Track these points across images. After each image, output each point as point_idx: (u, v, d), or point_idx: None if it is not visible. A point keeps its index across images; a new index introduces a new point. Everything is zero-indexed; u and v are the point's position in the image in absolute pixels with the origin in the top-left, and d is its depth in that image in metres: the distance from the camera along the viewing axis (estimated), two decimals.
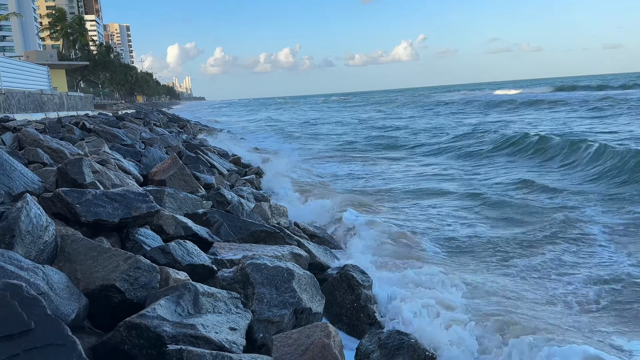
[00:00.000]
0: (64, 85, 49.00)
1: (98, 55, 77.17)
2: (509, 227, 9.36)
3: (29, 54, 51.05)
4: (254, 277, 4.55)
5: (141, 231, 5.50)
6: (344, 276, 5.49)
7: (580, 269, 6.97)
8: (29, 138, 7.95)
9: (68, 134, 11.60)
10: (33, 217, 4.27)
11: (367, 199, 11.81)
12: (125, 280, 3.94)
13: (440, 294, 5.62)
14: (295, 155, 20.53)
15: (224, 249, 5.83)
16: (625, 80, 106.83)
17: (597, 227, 8.86)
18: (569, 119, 34.67)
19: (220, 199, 9.00)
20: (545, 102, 52.97)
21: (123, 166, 8.57)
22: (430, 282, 5.99)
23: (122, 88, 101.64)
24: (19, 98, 26.33)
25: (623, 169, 14.04)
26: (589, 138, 19.48)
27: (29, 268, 3.62)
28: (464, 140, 25.07)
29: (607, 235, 8.40)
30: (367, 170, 17.36)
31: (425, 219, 10.16)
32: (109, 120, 20.26)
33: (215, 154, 17.02)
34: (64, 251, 4.33)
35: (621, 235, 8.42)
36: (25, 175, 5.83)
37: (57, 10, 73.37)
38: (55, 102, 32.66)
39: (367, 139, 29.35)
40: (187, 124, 33.39)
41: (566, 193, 11.95)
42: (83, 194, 5.22)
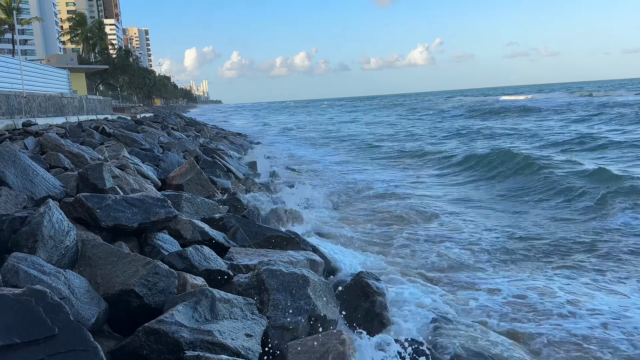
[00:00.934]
0: (83, 88, 49.75)
1: (117, 59, 78.16)
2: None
3: (50, 57, 51.96)
4: (269, 283, 4.59)
5: (159, 236, 5.59)
6: (358, 283, 5.51)
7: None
8: (50, 143, 8.12)
9: (88, 139, 11.80)
10: (55, 222, 4.38)
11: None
12: (144, 285, 4.01)
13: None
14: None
15: (240, 254, 5.89)
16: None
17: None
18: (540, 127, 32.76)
19: (237, 204, 9.07)
20: (543, 109, 50.29)
21: (142, 171, 8.70)
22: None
23: (140, 91, 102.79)
24: (40, 101, 26.82)
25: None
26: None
27: (51, 272, 3.72)
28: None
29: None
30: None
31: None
32: (128, 125, 20.54)
33: (231, 157, 17.18)
34: (85, 256, 4.42)
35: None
36: (47, 180, 5.96)
37: (77, 15, 74.56)
38: (75, 105, 33.18)
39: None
40: (204, 128, 33.68)
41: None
42: (103, 199, 5.33)
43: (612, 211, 10.22)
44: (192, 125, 36.83)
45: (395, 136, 33.66)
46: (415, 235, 9.28)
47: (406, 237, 9.13)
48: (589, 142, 22.72)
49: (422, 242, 8.89)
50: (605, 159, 18.02)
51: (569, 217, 10.42)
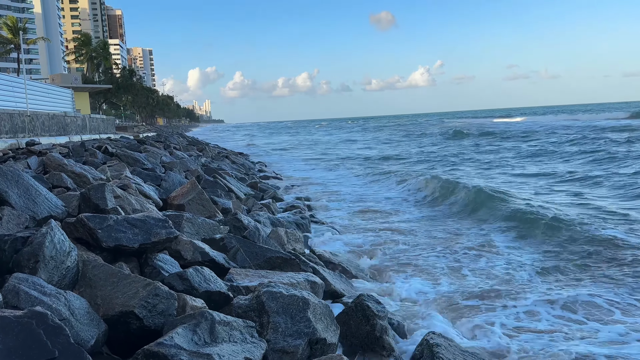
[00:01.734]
0: (87, 107, 50.18)
1: (121, 78, 79.03)
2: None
3: (55, 77, 52.51)
4: (269, 306, 4.58)
5: (160, 257, 5.60)
6: (359, 305, 5.48)
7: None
8: (53, 162, 8.18)
9: (91, 158, 11.87)
10: (57, 242, 4.39)
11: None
12: (144, 307, 4.01)
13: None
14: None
15: (240, 275, 5.89)
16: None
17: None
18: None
19: (237, 224, 9.08)
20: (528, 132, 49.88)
21: (143, 191, 8.73)
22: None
23: (143, 111, 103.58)
24: (44, 120, 27.02)
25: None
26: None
27: (51, 294, 3.72)
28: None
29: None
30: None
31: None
32: (130, 144, 20.65)
33: (233, 177, 17.22)
34: (85, 276, 4.43)
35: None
36: (50, 199, 6.00)
37: (82, 35, 75.64)
38: (78, 124, 33.40)
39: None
40: (206, 147, 33.83)
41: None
42: (105, 219, 5.35)
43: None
44: (194, 145, 37.01)
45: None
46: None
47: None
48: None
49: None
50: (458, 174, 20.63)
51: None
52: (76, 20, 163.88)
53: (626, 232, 9.93)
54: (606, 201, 13.95)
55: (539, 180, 19.29)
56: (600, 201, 13.91)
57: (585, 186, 17.18)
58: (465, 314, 6.52)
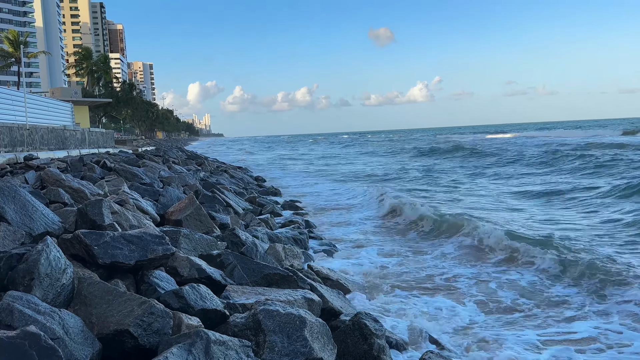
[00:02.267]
0: (86, 121, 50.30)
1: (121, 92, 79.37)
2: None
3: (55, 90, 52.74)
4: (265, 324, 4.54)
5: (156, 273, 5.56)
6: (356, 324, 5.44)
7: None
8: (51, 178, 8.17)
9: (89, 173, 11.86)
10: (52, 259, 4.37)
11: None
12: (139, 326, 3.98)
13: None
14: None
15: (237, 293, 5.85)
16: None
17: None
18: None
19: (235, 240, 9.04)
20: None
21: (141, 206, 8.71)
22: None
23: (142, 124, 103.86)
24: (43, 133, 27.07)
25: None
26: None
27: (45, 312, 3.69)
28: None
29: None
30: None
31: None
32: (129, 159, 20.65)
33: (231, 192, 17.21)
34: (80, 294, 4.40)
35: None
36: (46, 215, 5.98)
37: (83, 49, 76.03)
38: (77, 137, 33.46)
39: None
40: (205, 161, 33.87)
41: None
42: (101, 235, 5.33)
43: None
44: (193, 159, 37.04)
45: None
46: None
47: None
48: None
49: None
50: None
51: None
52: (77, 34, 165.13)
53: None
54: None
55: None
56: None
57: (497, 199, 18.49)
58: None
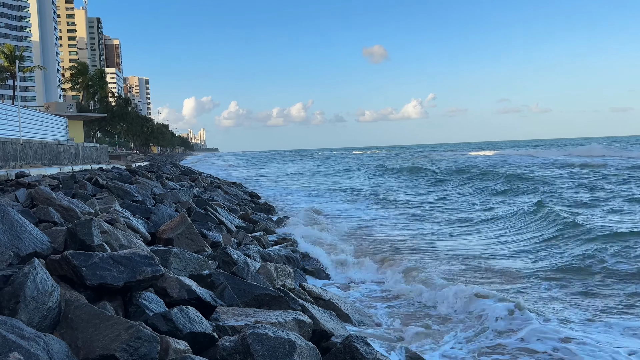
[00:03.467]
0: (80, 135, 50.20)
1: (116, 107, 79.29)
2: None
3: (49, 105, 52.69)
4: (254, 349, 4.50)
5: (145, 295, 5.50)
6: (347, 347, 5.38)
7: None
8: (41, 196, 8.11)
9: (81, 190, 11.78)
10: (39, 282, 4.32)
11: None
12: (125, 351, 3.92)
13: None
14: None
15: (227, 315, 5.79)
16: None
17: None
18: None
19: (227, 259, 8.98)
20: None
21: (132, 225, 8.66)
22: None
23: (137, 139, 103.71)
24: (36, 148, 26.98)
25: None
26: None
27: (30, 337, 3.64)
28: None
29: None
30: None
31: None
32: (121, 175, 20.54)
33: (224, 209, 17.14)
34: (67, 317, 4.34)
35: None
36: (35, 235, 5.92)
37: (79, 64, 76.17)
38: (71, 152, 33.37)
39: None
40: (199, 177, 33.79)
41: None
42: (90, 257, 5.28)
43: None
44: (187, 175, 36.95)
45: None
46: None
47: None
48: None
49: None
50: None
51: None
52: (73, 49, 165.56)
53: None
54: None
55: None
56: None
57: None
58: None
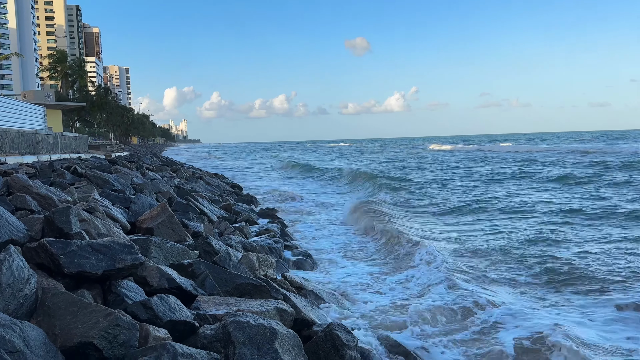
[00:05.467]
0: (59, 125, 49.32)
1: (96, 96, 77.91)
2: None
3: (27, 93, 51.57)
4: (235, 336, 4.48)
5: (124, 283, 5.44)
6: (328, 335, 5.40)
7: None
8: (18, 184, 7.94)
9: (59, 179, 11.56)
10: (15, 269, 4.24)
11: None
12: (104, 338, 3.88)
13: None
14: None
15: (208, 303, 5.75)
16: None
17: None
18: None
19: (208, 249, 8.91)
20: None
21: (111, 214, 8.53)
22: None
23: (117, 129, 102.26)
24: (13, 137, 26.44)
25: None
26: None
27: (5, 324, 3.57)
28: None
29: None
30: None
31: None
32: (101, 165, 20.23)
33: (206, 199, 17.00)
34: (44, 305, 4.27)
35: None
36: (11, 223, 5.80)
37: (58, 52, 74.50)
38: (49, 142, 32.77)
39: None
40: (180, 168, 33.47)
41: None
42: (68, 244, 5.19)
43: None
44: (168, 165, 36.57)
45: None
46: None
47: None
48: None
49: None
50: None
51: None
52: (52, 37, 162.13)
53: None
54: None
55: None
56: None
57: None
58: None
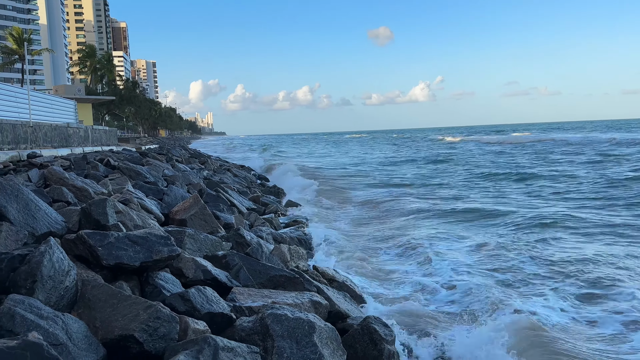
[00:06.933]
0: (89, 118, 50.15)
1: (124, 90, 79.02)
2: None
3: (58, 87, 52.55)
4: (273, 329, 4.42)
5: (161, 275, 5.44)
6: (365, 329, 5.31)
7: None
8: (54, 176, 8.05)
9: (93, 171, 11.72)
10: (55, 261, 4.25)
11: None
12: (145, 331, 3.85)
13: None
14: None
15: (243, 295, 5.72)
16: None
17: None
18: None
19: (240, 240, 8.91)
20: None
21: (145, 205, 8.59)
22: None
23: (145, 122, 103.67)
24: (46, 131, 26.95)
25: None
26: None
27: (48, 317, 3.57)
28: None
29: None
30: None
31: None
32: (132, 157, 20.51)
33: (235, 191, 17.08)
34: (84, 297, 4.28)
35: None
36: (49, 215, 5.86)
37: (87, 47, 75.76)
38: (80, 135, 33.35)
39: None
40: (208, 160, 33.75)
41: None
42: (105, 236, 5.21)
43: None
44: (197, 157, 36.91)
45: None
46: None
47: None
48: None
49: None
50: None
51: None
52: (81, 32, 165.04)
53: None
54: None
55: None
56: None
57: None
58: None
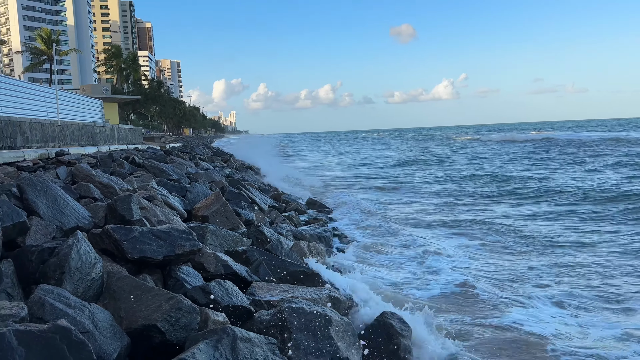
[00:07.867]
0: (115, 117, 51.08)
1: (149, 89, 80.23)
2: None
3: (85, 87, 53.65)
4: (291, 322, 4.53)
5: (183, 269, 5.61)
6: (382, 323, 5.39)
7: None
8: (82, 173, 8.32)
9: (118, 169, 12.04)
10: (82, 254, 4.44)
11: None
12: (167, 321, 4.00)
13: None
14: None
15: (262, 289, 5.85)
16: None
17: None
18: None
19: (260, 236, 9.06)
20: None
21: (169, 202, 8.80)
22: None
23: (170, 121, 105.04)
24: (73, 130, 27.58)
25: None
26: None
27: (75, 306, 3.75)
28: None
29: None
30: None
31: None
32: (157, 155, 20.93)
33: (256, 189, 17.29)
34: (110, 288, 4.45)
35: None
36: (77, 210, 6.08)
37: (113, 47, 77.19)
38: (106, 134, 34.02)
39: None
40: (231, 159, 34.14)
41: None
42: (130, 231, 5.39)
43: None
44: (219, 156, 37.35)
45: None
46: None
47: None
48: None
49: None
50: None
51: None
52: (107, 33, 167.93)
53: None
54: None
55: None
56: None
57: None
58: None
